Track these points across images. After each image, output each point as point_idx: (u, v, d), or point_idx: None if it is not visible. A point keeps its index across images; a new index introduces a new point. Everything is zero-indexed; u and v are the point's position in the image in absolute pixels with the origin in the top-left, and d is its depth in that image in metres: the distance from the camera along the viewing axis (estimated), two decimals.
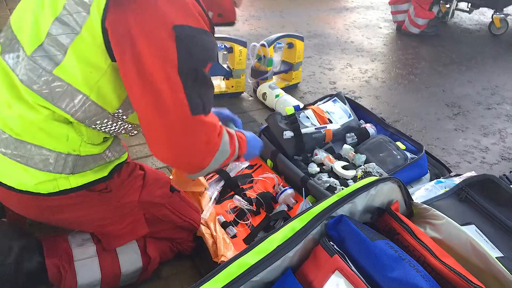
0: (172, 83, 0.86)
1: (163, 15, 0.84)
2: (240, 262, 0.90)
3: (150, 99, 0.87)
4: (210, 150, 0.96)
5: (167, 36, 0.84)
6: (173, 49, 0.85)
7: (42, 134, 0.93)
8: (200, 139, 0.93)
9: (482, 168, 1.99)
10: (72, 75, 0.88)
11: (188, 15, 0.87)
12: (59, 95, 0.90)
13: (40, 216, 1.06)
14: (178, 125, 0.89)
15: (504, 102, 2.75)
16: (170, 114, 0.88)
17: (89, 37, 0.86)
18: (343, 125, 1.67)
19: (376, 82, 2.93)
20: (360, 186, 1.02)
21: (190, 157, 0.94)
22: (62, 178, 0.97)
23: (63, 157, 0.95)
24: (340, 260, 0.88)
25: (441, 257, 0.92)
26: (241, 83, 2.46)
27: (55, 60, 0.87)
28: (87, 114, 0.93)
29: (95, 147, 1.01)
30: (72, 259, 1.09)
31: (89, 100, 0.92)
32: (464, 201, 1.18)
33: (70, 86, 0.89)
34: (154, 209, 1.17)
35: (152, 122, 0.90)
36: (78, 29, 0.86)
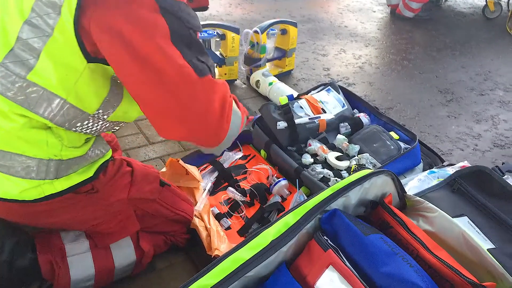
0: (170, 55, 0.82)
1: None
2: (235, 257, 0.89)
3: (154, 80, 0.83)
4: (227, 110, 0.91)
5: (152, 11, 0.80)
6: (162, 21, 0.81)
7: (20, 142, 0.90)
8: (215, 100, 0.88)
9: (475, 155, 2.00)
10: (48, 79, 0.84)
11: None
12: (36, 100, 0.86)
13: (29, 222, 1.05)
14: (190, 92, 0.85)
15: (497, 87, 2.75)
16: (178, 85, 0.84)
17: (62, 39, 0.82)
18: (336, 114, 1.66)
19: (370, 68, 2.92)
20: (354, 179, 1.02)
21: (210, 123, 0.89)
22: (47, 184, 0.95)
23: (45, 163, 0.93)
24: (334, 255, 0.88)
25: (434, 250, 0.92)
26: (234, 70, 2.44)
27: (28, 65, 0.83)
28: (66, 117, 0.90)
29: (77, 150, 0.98)
30: (65, 254, 1.08)
31: (67, 103, 0.88)
32: (457, 192, 1.19)
33: (46, 90, 0.85)
34: (144, 205, 1.16)
35: (161, 103, 0.86)
36: (50, 31, 0.81)
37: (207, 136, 0.92)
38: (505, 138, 2.16)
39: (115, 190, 1.10)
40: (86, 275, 1.10)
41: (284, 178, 1.45)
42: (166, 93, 0.85)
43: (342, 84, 2.64)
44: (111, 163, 1.11)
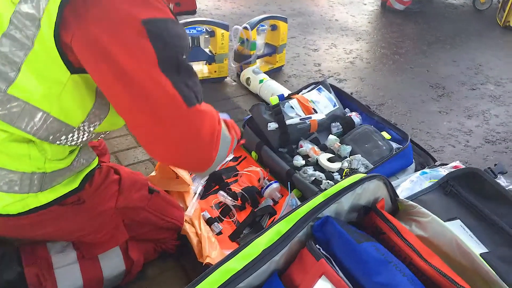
0: (158, 82, 0.78)
1: (127, 14, 0.76)
2: (225, 268, 0.88)
3: (141, 105, 0.80)
4: (215, 139, 0.89)
5: (138, 34, 0.76)
6: (148, 46, 0.77)
7: (1, 156, 0.86)
8: (203, 130, 0.86)
9: (466, 152, 2.00)
10: (29, 92, 0.81)
11: (152, 8, 0.79)
12: (17, 115, 0.82)
13: (14, 235, 1.02)
14: (178, 122, 0.82)
15: (487, 82, 2.75)
16: (167, 114, 0.81)
17: (43, 51, 0.78)
18: (328, 114, 1.64)
19: (361, 63, 2.90)
20: (346, 185, 1.00)
21: (198, 153, 0.88)
22: (31, 197, 0.92)
23: (28, 177, 0.89)
24: (327, 265, 0.87)
25: (427, 257, 0.91)
26: (224, 67, 2.41)
27: (8, 78, 0.80)
28: (50, 131, 0.87)
29: (61, 162, 0.95)
30: (52, 266, 1.05)
31: (51, 116, 0.85)
32: (449, 194, 1.18)
33: (28, 104, 0.82)
34: (133, 214, 1.14)
35: (149, 129, 0.83)
36: (30, 44, 0.77)
37: (194, 164, 0.91)
38: (496, 134, 2.16)
39: (103, 199, 1.07)
40: (74, 287, 1.07)
41: (275, 181, 1.43)
42: (154, 121, 0.82)
43: (333, 80, 2.63)
44: (98, 172, 1.08)
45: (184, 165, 0.93)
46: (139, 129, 0.85)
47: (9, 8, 0.77)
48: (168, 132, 0.83)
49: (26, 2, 0.76)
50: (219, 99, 2.27)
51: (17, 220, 0.94)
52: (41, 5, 0.75)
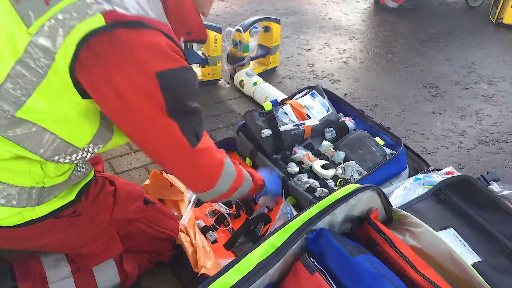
0: (167, 129, 0.86)
1: (144, 63, 0.79)
2: (220, 283, 0.87)
3: (152, 145, 0.90)
4: (215, 171, 1.00)
5: (151, 85, 0.80)
6: (160, 96, 0.82)
7: (2, 171, 0.88)
8: (204, 164, 0.97)
9: (460, 153, 2.01)
10: (39, 115, 0.83)
11: (166, 58, 0.82)
12: (25, 136, 0.84)
13: (8, 245, 1.02)
14: (182, 161, 0.94)
15: (480, 80, 2.76)
16: (173, 154, 0.92)
17: (56, 80, 0.79)
18: (321, 119, 1.64)
19: (355, 63, 2.90)
20: (339, 196, 1.00)
21: (200, 180, 1.00)
22: (28, 210, 0.93)
23: (27, 191, 0.91)
24: (321, 279, 0.87)
25: (420, 269, 0.92)
26: (217, 70, 2.40)
27: (18, 102, 0.81)
28: (56, 152, 0.89)
29: (61, 177, 0.96)
30: (46, 281, 1.05)
31: (58, 138, 0.87)
32: (443, 202, 1.18)
33: (37, 126, 0.84)
34: (128, 225, 1.14)
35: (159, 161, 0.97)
36: (43, 73, 0.79)
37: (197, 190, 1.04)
38: (490, 134, 2.17)
39: (98, 211, 1.08)
40: None
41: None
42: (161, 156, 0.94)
43: (327, 81, 2.63)
44: (93, 184, 1.09)
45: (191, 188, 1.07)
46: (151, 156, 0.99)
47: (25, 38, 0.78)
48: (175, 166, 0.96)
49: (43, 35, 0.77)
50: (213, 102, 2.26)
51: (12, 232, 0.94)
52: (58, 41, 0.76)
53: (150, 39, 0.81)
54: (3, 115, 0.82)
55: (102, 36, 0.75)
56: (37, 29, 0.77)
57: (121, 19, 0.77)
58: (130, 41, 0.77)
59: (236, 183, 1.07)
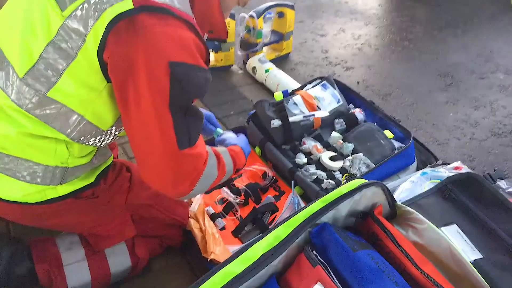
0: (162, 119, 0.86)
1: (161, 50, 0.83)
2: (226, 271, 0.91)
3: (141, 131, 0.89)
4: (194, 178, 0.96)
5: (163, 71, 0.83)
6: (167, 86, 0.84)
7: (30, 149, 0.93)
8: (185, 170, 0.94)
9: (471, 145, 2.00)
10: (67, 96, 0.87)
11: (185, 52, 0.85)
12: (54, 116, 0.89)
13: (28, 222, 1.08)
14: (165, 159, 0.90)
15: (497, 70, 2.71)
16: (158, 148, 0.89)
17: (85, 62, 0.84)
18: (331, 111, 1.65)
19: (369, 50, 2.87)
20: (344, 192, 1.02)
21: (175, 185, 0.95)
22: (50, 188, 0.98)
23: (51, 170, 0.96)
24: (323, 271, 0.90)
25: (420, 265, 0.94)
26: (230, 56, 2.41)
27: (49, 82, 0.86)
28: (82, 133, 0.93)
29: (83, 158, 1.01)
30: (61, 263, 1.11)
31: (84, 119, 0.91)
32: (448, 199, 1.20)
33: (65, 107, 0.88)
34: (141, 210, 1.19)
35: (141, 151, 0.92)
36: (74, 54, 0.84)
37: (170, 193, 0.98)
38: (503, 126, 2.15)
39: (114, 195, 1.13)
40: (83, 283, 1.13)
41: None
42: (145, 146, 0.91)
43: (340, 69, 2.61)
44: (112, 169, 1.14)
45: (162, 191, 0.99)
46: (134, 147, 0.93)
47: (57, 20, 0.83)
48: (154, 162, 0.92)
49: (76, 18, 0.82)
50: (225, 89, 2.28)
51: (34, 209, 1.00)
52: (90, 23, 0.81)
53: (174, 29, 0.84)
54: (35, 94, 0.87)
55: (129, 18, 0.80)
56: (70, 12, 0.82)
57: (149, 3, 0.81)
58: (153, 26, 0.82)
59: (215, 182, 1.06)
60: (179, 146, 0.89)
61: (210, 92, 2.21)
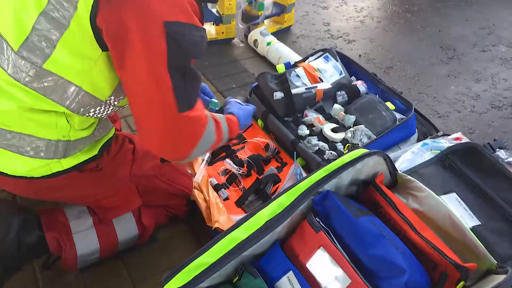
0: (161, 82, 0.86)
1: (155, 11, 0.82)
2: (231, 237, 0.94)
3: (140, 94, 0.89)
4: (193, 142, 0.97)
5: (158, 33, 0.82)
6: (163, 47, 0.83)
7: (31, 124, 0.93)
8: (185, 133, 0.94)
9: (471, 117, 2.01)
10: (63, 67, 0.87)
11: (179, 10, 0.85)
12: (52, 88, 0.89)
13: (35, 196, 1.10)
14: (165, 122, 0.91)
15: (500, 43, 2.69)
16: (157, 111, 0.89)
17: (78, 31, 0.84)
18: (333, 83, 1.65)
19: (371, 23, 2.85)
20: (347, 161, 1.04)
21: (174, 148, 0.96)
22: (54, 162, 0.99)
23: (54, 144, 0.96)
24: (325, 237, 0.93)
25: (420, 230, 0.97)
26: (231, 28, 2.39)
27: (44, 54, 0.85)
28: (81, 104, 0.93)
29: (85, 131, 1.01)
30: (70, 231, 1.13)
31: (82, 90, 0.91)
32: (448, 168, 1.22)
33: (62, 78, 0.88)
34: (146, 181, 1.21)
35: (140, 115, 0.92)
36: (66, 23, 0.83)
37: (171, 157, 1.00)
38: (503, 99, 2.16)
39: (118, 167, 1.14)
40: (92, 250, 1.16)
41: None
42: (145, 110, 0.91)
43: (342, 41, 2.60)
44: (114, 141, 1.15)
45: (161, 154, 1.00)
46: (134, 113, 0.93)
47: None
48: (154, 125, 0.92)
49: None
50: (227, 62, 2.27)
51: (39, 183, 1.01)
52: None
53: None
54: (32, 67, 0.86)
55: None
56: None
57: None
58: None
59: (212, 147, 1.06)
60: (178, 109, 0.89)
61: (211, 65, 2.21)
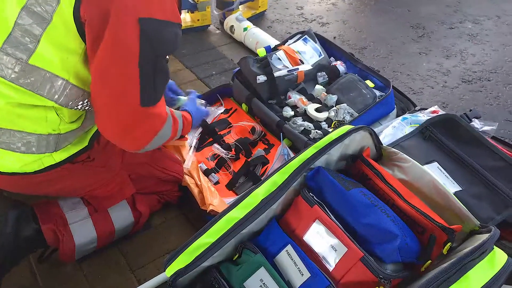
0: (129, 77, 0.88)
1: (131, 7, 0.83)
2: (229, 217, 0.97)
3: (106, 85, 0.89)
4: (150, 136, 0.99)
5: (132, 29, 0.84)
6: (136, 42, 0.85)
7: (20, 120, 0.93)
8: (143, 127, 0.96)
9: (444, 92, 2.10)
10: (49, 61, 0.87)
11: (155, 7, 0.86)
12: (39, 83, 0.88)
13: (30, 191, 1.10)
14: (126, 114, 0.92)
15: (466, 20, 2.79)
16: (120, 104, 0.91)
17: (61, 25, 0.84)
18: (314, 64, 1.69)
19: (343, 5, 2.89)
20: (335, 137, 1.08)
21: (131, 140, 0.98)
22: (46, 156, 0.99)
23: (44, 138, 0.96)
24: (320, 210, 0.98)
25: (407, 198, 1.02)
26: (207, 16, 2.39)
27: (28, 50, 0.85)
28: (69, 97, 0.93)
29: (74, 123, 1.01)
30: (67, 222, 1.14)
31: (70, 84, 0.91)
32: (428, 139, 1.28)
33: (48, 73, 0.88)
34: (138, 169, 1.22)
35: (103, 105, 0.93)
36: (49, 17, 0.83)
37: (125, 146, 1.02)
38: (473, 73, 2.25)
39: (110, 156, 1.15)
40: (89, 239, 1.17)
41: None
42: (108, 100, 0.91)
43: (316, 24, 2.64)
44: None
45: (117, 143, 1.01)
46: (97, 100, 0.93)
47: None
48: (115, 116, 0.93)
49: None
50: (204, 49, 2.28)
51: (32, 178, 1.02)
52: None
53: None
54: (17, 63, 0.86)
55: None
56: None
57: None
58: None
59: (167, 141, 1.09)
60: (141, 103, 0.91)
61: (189, 53, 2.21)
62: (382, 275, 0.86)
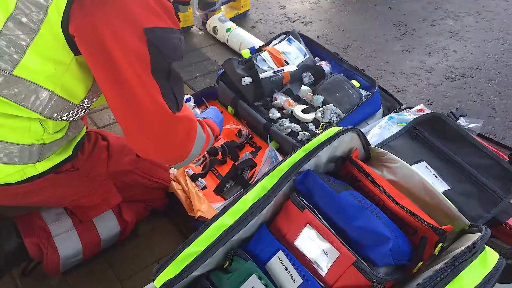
0: (149, 87, 0.86)
1: (132, 19, 0.81)
2: (218, 224, 0.95)
3: (129, 103, 0.87)
4: (190, 140, 0.98)
5: (139, 40, 0.82)
6: (146, 53, 0.83)
7: (3, 130, 0.90)
8: (181, 133, 0.94)
9: (428, 90, 2.11)
10: (35, 72, 0.84)
11: (155, 16, 0.84)
12: (23, 94, 0.86)
13: (11, 202, 1.06)
14: (159, 124, 0.90)
15: (447, 16, 2.82)
16: (150, 117, 0.89)
17: (49, 36, 0.81)
18: (299, 65, 1.68)
19: (326, 3, 2.89)
20: (323, 140, 1.07)
21: (174, 149, 0.96)
22: (29, 167, 0.96)
23: (27, 148, 0.93)
24: (310, 214, 0.96)
25: (397, 199, 1.02)
26: (189, 17, 2.36)
27: (13, 60, 0.82)
28: (55, 109, 0.91)
29: (58, 133, 0.99)
30: (50, 234, 1.11)
31: (55, 95, 0.89)
32: (415, 138, 1.28)
33: (33, 84, 0.85)
34: (123, 177, 1.20)
35: (132, 125, 0.91)
36: (36, 28, 0.80)
37: (171, 160, 0.99)
38: (455, 70, 2.27)
39: (94, 165, 1.13)
40: (74, 251, 1.14)
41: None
42: (137, 118, 0.89)
43: (299, 24, 2.63)
44: (86, 139, 1.13)
45: (161, 160, 1.00)
46: (124, 121, 0.92)
47: None
48: (149, 131, 0.91)
49: None
50: (187, 51, 2.25)
51: (15, 188, 0.99)
52: None
53: None
54: (1, 74, 0.83)
55: None
56: None
57: None
58: None
59: (205, 145, 1.08)
60: (172, 110, 0.89)
61: None
62: (375, 279, 0.85)
